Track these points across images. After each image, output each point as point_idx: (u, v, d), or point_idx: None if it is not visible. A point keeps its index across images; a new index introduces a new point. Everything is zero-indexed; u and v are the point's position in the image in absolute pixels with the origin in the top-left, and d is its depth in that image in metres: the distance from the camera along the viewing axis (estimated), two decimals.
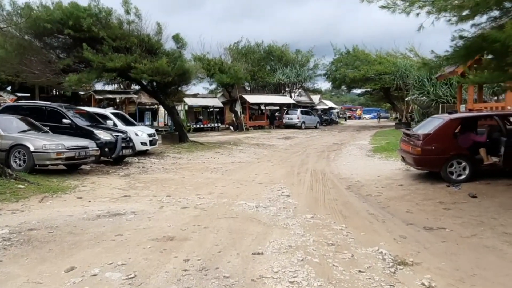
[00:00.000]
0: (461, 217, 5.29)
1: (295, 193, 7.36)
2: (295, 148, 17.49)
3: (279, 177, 9.45)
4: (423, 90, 20.84)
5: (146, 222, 4.68)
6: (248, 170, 10.61)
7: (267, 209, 5.72)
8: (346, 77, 34.71)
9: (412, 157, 7.88)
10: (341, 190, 7.73)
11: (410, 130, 8.92)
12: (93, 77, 15.14)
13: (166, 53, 16.41)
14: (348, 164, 11.64)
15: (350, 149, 16.24)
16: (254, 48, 36.30)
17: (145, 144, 13.60)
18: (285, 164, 11.93)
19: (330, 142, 20.14)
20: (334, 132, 29.73)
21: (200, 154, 14.54)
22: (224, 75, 25.37)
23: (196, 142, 17.51)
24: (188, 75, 16.43)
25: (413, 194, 7.03)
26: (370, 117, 65.60)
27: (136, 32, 16.00)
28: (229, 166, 11.49)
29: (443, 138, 7.66)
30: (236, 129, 28.40)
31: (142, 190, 7.19)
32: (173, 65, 15.79)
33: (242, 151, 15.75)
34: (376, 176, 9.23)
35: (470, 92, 13.94)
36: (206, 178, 9.19)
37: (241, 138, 21.69)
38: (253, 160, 13.20)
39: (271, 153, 15.52)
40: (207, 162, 12.41)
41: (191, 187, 7.77)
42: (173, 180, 8.72)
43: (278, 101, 34.93)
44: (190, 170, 10.57)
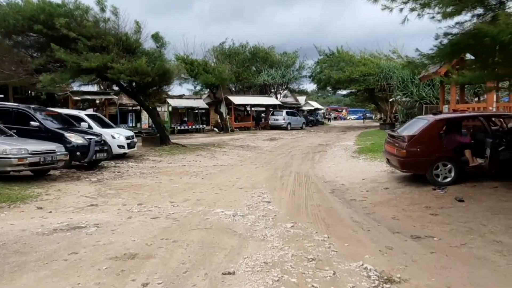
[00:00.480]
0: (449, 223, 5.00)
1: (277, 198, 6.98)
2: (280, 149, 17.16)
3: (261, 181, 9.07)
4: (406, 91, 20.83)
5: (108, 237, 4.22)
6: (230, 174, 10.20)
7: (244, 218, 5.32)
8: (331, 78, 34.62)
9: (397, 160, 7.61)
10: (325, 195, 7.40)
11: (395, 131, 8.67)
12: (67, 77, 14.51)
13: (146, 53, 15.85)
14: (333, 166, 11.35)
15: (335, 150, 16.00)
16: (239, 49, 35.91)
17: (123, 147, 13.04)
18: (269, 167, 11.57)
19: (315, 143, 19.89)
20: (319, 133, 29.56)
21: (181, 157, 14.05)
22: (209, 76, 24.88)
23: (178, 144, 17.00)
24: (169, 75, 15.91)
25: (399, 199, 6.74)
26: (355, 118, 66.19)
27: (114, 30, 15.43)
28: (210, 169, 11.05)
29: (428, 140, 7.41)
30: (221, 131, 27.94)
31: (112, 198, 6.69)
32: (153, 65, 15.25)
33: (226, 154, 15.32)
34: (361, 179, 8.95)
35: (452, 93, 13.86)
36: (184, 183, 8.74)
37: (226, 140, 21.25)
38: (236, 163, 12.80)
39: (255, 155, 15.14)
40: (188, 166, 11.94)
41: (166, 194, 7.31)
42: (148, 186, 8.23)
43: (263, 102, 34.60)
44: (169, 175, 10.10)
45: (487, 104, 13.63)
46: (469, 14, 5.60)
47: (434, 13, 5.60)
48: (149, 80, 14.96)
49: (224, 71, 25.45)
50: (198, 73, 25.28)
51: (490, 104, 13.23)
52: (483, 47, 4.16)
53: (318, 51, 36.49)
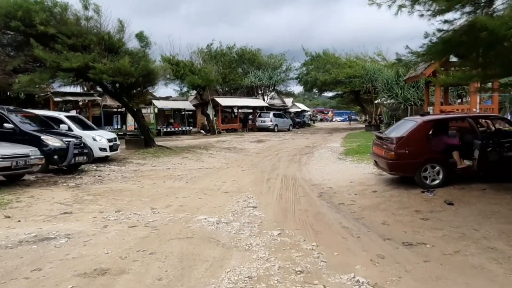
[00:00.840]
0: (441, 228, 4.83)
1: (263, 203, 6.73)
2: (267, 151, 16.93)
3: (248, 184, 8.80)
4: (391, 92, 20.89)
5: (79, 249, 3.89)
6: (215, 177, 9.90)
7: (229, 226, 5.05)
8: (317, 80, 34.69)
9: (386, 162, 7.45)
10: (313, 199, 7.18)
11: (383, 133, 8.53)
12: (47, 77, 13.96)
13: (129, 53, 15.41)
14: (320, 169, 11.17)
15: (322, 152, 15.85)
16: (226, 51, 35.63)
17: (105, 150, 12.60)
18: (255, 170, 11.31)
19: (302, 145, 19.74)
20: (306, 134, 29.48)
21: (166, 160, 13.68)
22: (195, 77, 24.52)
23: (164, 146, 16.59)
24: (153, 76, 15.49)
25: (388, 202, 6.57)
26: (341, 120, 66.67)
27: (96, 29, 14.97)
28: (195, 173, 10.73)
29: (416, 142, 7.28)
30: (208, 133, 27.58)
31: (88, 205, 6.32)
32: (137, 65, 14.84)
33: (212, 156, 15.00)
34: (348, 182, 8.77)
35: (437, 94, 13.86)
36: (167, 188, 8.40)
37: (212, 142, 20.92)
38: (222, 165, 12.50)
39: (241, 157, 14.87)
40: (172, 169, 11.59)
41: (147, 199, 6.98)
42: (129, 191, 7.87)
43: (251, 103, 34.38)
44: (152, 178, 9.74)
45: (471, 105, 13.70)
46: (459, 12, 5.48)
47: (424, 11, 5.45)
48: (133, 81, 14.54)
49: (210, 72, 25.12)
50: (184, 74, 24.90)
51: (474, 105, 13.29)
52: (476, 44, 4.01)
53: (305, 53, 36.53)
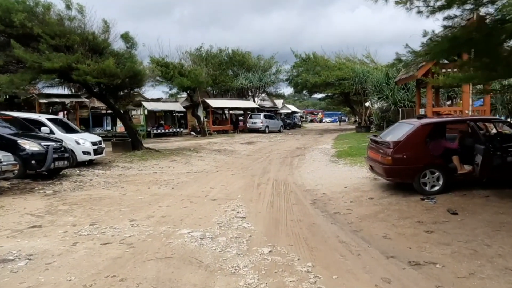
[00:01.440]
0: (449, 244, 4.41)
1: (253, 212, 6.26)
2: (257, 153, 16.47)
3: (237, 190, 8.32)
4: (381, 94, 20.62)
5: (38, 275, 3.36)
6: (204, 182, 9.40)
7: (214, 241, 4.56)
8: (307, 82, 34.38)
9: (382, 167, 7.03)
10: (306, 207, 6.73)
11: (378, 136, 8.12)
12: (28, 78, 13.31)
13: (115, 53, 14.83)
14: (312, 172, 10.74)
15: (314, 154, 15.44)
16: (216, 53, 35.14)
17: (88, 154, 12.01)
18: (246, 173, 10.84)
19: (293, 147, 19.32)
20: (297, 136, 29.10)
21: (154, 163, 13.12)
22: (184, 79, 23.95)
23: (152, 149, 16.01)
24: (140, 77, 14.91)
25: (387, 211, 6.14)
26: (330, 121, 66.81)
27: (80, 29, 14.38)
28: (183, 177, 10.21)
29: (414, 146, 6.87)
30: (199, 134, 27.04)
31: (61, 217, 5.77)
32: (122, 66, 14.29)
33: (201, 159, 14.48)
34: (343, 187, 8.35)
35: (429, 96, 13.59)
36: (151, 195, 7.87)
37: (203, 144, 20.39)
38: (211, 169, 12.00)
39: (232, 160, 14.38)
40: (159, 173, 11.04)
41: (127, 209, 6.45)
42: (109, 199, 7.32)
43: (241, 105, 33.93)
44: (136, 184, 9.19)
45: (463, 107, 13.45)
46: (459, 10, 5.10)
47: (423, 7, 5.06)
48: (118, 82, 13.98)
49: (200, 74, 24.57)
50: (174, 76, 24.32)
51: (466, 107, 13.04)
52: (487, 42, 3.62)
53: (295, 55, 36.19)
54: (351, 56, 34.85)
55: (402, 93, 19.23)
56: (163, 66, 24.50)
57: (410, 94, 19.15)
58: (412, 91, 19.09)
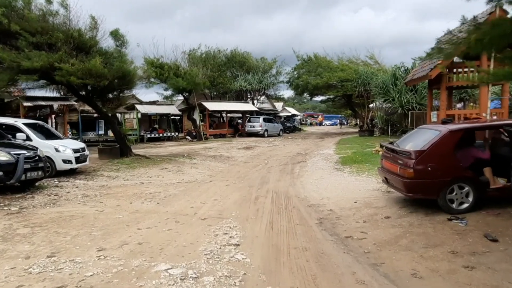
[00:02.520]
0: (498, 287, 3.39)
1: (249, 237, 5.23)
2: (256, 160, 15.45)
3: (231, 205, 7.30)
4: (388, 96, 19.61)
5: None
6: (194, 196, 8.37)
7: (198, 283, 3.53)
8: (308, 84, 33.44)
9: (402, 181, 6.01)
10: (311, 228, 5.70)
11: (395, 144, 7.11)
12: (5, 78, 12.27)
13: (103, 52, 13.81)
14: (316, 182, 9.72)
15: (316, 161, 14.43)
16: (215, 54, 34.19)
17: (69, 162, 10.97)
18: (242, 184, 9.82)
19: (294, 152, 18.32)
20: (297, 140, 28.11)
21: (142, 172, 12.08)
22: (179, 80, 22.96)
23: (141, 156, 14.96)
24: (129, 78, 13.88)
25: (410, 235, 5.12)
26: (330, 124, 66.08)
27: (65, 26, 13.38)
28: (171, 189, 9.18)
29: (441, 156, 5.85)
30: (194, 139, 26.00)
31: (16, 244, 4.73)
32: (111, 66, 13.29)
33: (195, 166, 13.45)
34: (352, 202, 7.32)
35: (443, 98, 12.59)
36: (132, 212, 6.84)
37: (198, 149, 19.36)
38: (204, 178, 10.97)
39: (228, 168, 13.36)
40: (146, 184, 10.01)
41: (99, 232, 5.41)
42: (81, 218, 6.28)
43: (240, 108, 32.91)
44: (118, 198, 8.16)
45: (480, 110, 12.49)
46: None
47: None
48: (106, 83, 12.94)
49: (196, 75, 23.57)
50: (169, 77, 23.32)
51: (484, 110, 12.07)
52: None
53: (296, 56, 35.26)
54: (354, 57, 33.93)
55: (410, 95, 18.23)
56: (158, 67, 23.52)
57: (419, 96, 18.15)
58: (421, 93, 18.11)
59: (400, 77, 19.05)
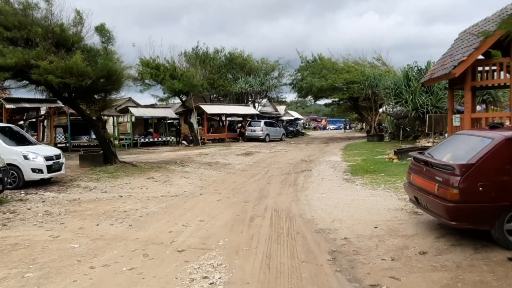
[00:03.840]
0: None
1: (238, 281, 3.79)
2: (255, 168, 14.00)
3: (220, 230, 5.85)
4: (400, 98, 18.09)
5: None
6: (177, 215, 6.93)
7: None
8: (313, 86, 32.03)
9: (443, 205, 4.53)
10: (322, 269, 4.24)
11: (426, 153, 5.64)
12: None
13: (87, 49, 12.47)
14: (324, 198, 8.24)
15: (322, 169, 12.96)
16: (214, 55, 32.87)
17: (40, 172, 9.58)
18: (237, 198, 8.38)
19: (297, 159, 16.86)
20: (300, 145, 26.64)
21: (125, 182, 10.67)
22: (175, 81, 21.57)
23: (128, 163, 13.54)
24: (116, 77, 12.50)
25: (463, 286, 3.64)
26: (334, 128, 64.69)
27: (46, 21, 12.10)
28: (152, 205, 7.74)
29: (497, 172, 4.38)
30: (191, 143, 24.57)
31: None
32: (95, 65, 11.94)
33: (186, 175, 12.01)
34: (371, 227, 5.85)
35: (467, 99, 11.13)
36: (93, 239, 5.40)
37: (193, 155, 17.94)
38: (194, 190, 9.54)
39: (223, 177, 11.92)
40: (124, 198, 8.59)
41: (37, 273, 3.96)
42: (25, 249, 4.85)
43: (240, 111, 31.50)
44: (84, 217, 6.73)
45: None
46: None
47: None
48: (88, 83, 11.57)
49: (193, 76, 22.20)
50: (165, 78, 21.96)
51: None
52: None
53: (300, 57, 33.88)
54: (361, 59, 32.50)
55: (425, 97, 16.72)
56: (154, 68, 22.18)
57: (434, 98, 16.63)
58: (437, 95, 16.61)
59: (413, 78, 17.57)
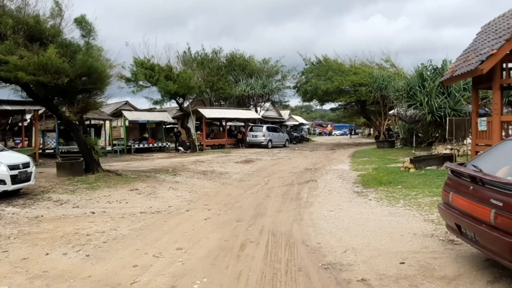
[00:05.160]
0: None
1: None
2: (254, 177, 12.65)
3: (199, 264, 4.48)
4: (414, 101, 16.64)
5: None
6: (150, 240, 5.57)
7: None
8: (318, 89, 30.65)
9: (506, 242, 3.12)
10: None
11: (468, 165, 4.24)
12: None
13: (66, 44, 11.22)
14: (332, 217, 6.85)
15: (329, 180, 11.56)
16: (213, 56, 31.68)
17: (2, 183, 8.28)
18: (228, 216, 7.02)
19: (301, 167, 15.48)
20: (305, 151, 25.26)
21: (104, 194, 9.35)
22: (169, 83, 20.33)
23: (112, 172, 12.20)
24: (97, 75, 11.20)
25: None
26: (339, 134, 63.27)
27: (18, 11, 10.89)
28: (124, 226, 6.39)
29: None
30: (188, 149, 23.25)
31: None
32: (73, 61, 10.70)
33: (175, 186, 10.67)
34: (397, 261, 4.45)
35: (496, 100, 9.71)
36: (31, 277, 4.09)
37: (188, 163, 16.62)
38: (180, 205, 8.19)
39: (216, 188, 10.57)
40: (96, 215, 7.26)
41: None
42: None
43: (242, 115, 30.17)
44: (36, 242, 5.41)
45: None
46: None
47: None
48: (65, 82, 10.30)
49: (190, 78, 20.94)
50: (159, 80, 20.73)
51: None
52: None
53: (303, 59, 32.58)
54: (368, 60, 31.11)
55: (442, 98, 15.25)
56: (148, 68, 20.96)
57: (452, 100, 15.16)
58: (455, 96, 15.15)
59: (429, 78, 16.14)
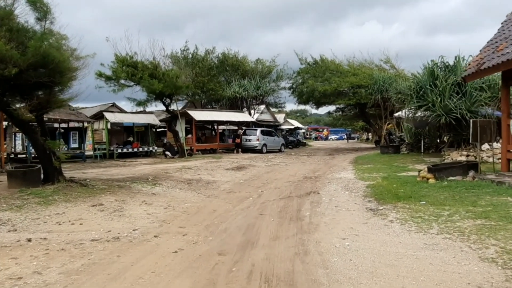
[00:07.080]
0: None
1: None
2: (245, 188, 10.81)
3: None
4: (425, 101, 14.92)
5: None
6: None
7: None
8: (315, 91, 28.96)
9: None
10: None
11: None
12: None
13: (16, 29, 9.31)
14: (348, 249, 5.01)
15: (334, 192, 9.72)
16: (204, 56, 29.85)
17: None
18: (207, 246, 5.14)
19: (299, 175, 13.68)
20: (302, 157, 23.47)
21: (56, 212, 7.43)
22: (154, 82, 18.46)
23: (76, 182, 10.25)
24: (54, 66, 9.25)
25: None
26: (336, 138, 61.80)
27: None
28: (56, 265, 4.50)
29: None
30: (176, 155, 21.32)
31: None
32: (25, 48, 8.83)
33: (150, 200, 8.77)
34: None
35: None
36: None
37: (173, 169, 14.71)
38: (149, 228, 6.31)
39: (200, 202, 8.71)
40: (32, 244, 5.38)
41: None
42: None
43: (234, 118, 28.29)
44: None
45: None
46: None
47: None
48: (13, 73, 8.39)
49: (176, 77, 19.08)
50: (143, 78, 18.85)
51: None
52: None
53: (299, 59, 30.88)
54: (367, 61, 29.50)
55: (456, 99, 13.54)
56: (130, 66, 19.09)
57: (469, 100, 13.44)
58: (471, 96, 13.45)
59: (441, 76, 14.43)
